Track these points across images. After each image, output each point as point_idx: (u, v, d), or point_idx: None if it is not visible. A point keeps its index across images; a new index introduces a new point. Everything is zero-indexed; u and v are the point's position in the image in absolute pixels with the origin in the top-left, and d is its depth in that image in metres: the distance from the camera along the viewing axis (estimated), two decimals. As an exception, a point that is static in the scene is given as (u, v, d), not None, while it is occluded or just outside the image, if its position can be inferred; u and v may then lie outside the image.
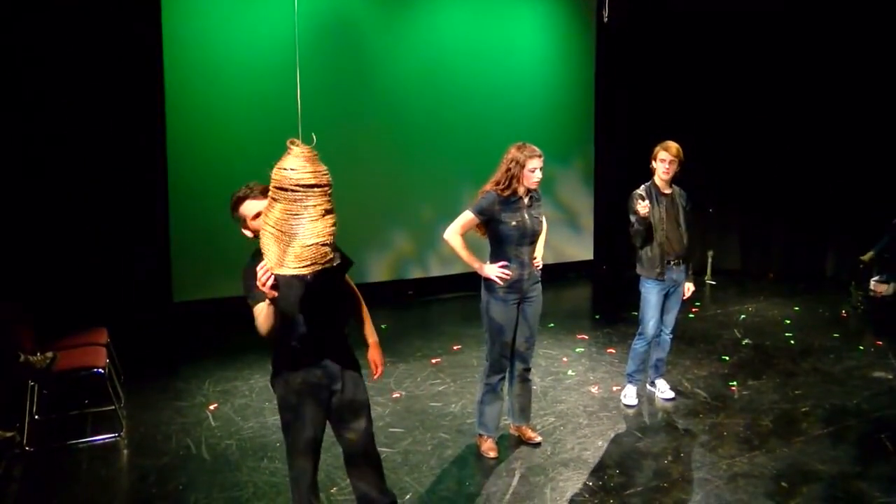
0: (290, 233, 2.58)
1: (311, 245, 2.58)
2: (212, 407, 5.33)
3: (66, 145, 6.88)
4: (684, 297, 5.32)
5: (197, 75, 7.48)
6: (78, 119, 6.90)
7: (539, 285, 4.52)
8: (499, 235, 4.33)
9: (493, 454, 4.50)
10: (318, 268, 2.61)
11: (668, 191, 5.14)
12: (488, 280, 4.34)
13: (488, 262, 4.37)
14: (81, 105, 6.91)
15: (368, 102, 8.41)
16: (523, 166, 4.28)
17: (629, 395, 5.41)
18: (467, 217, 4.32)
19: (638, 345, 5.33)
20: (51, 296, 6.56)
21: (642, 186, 5.12)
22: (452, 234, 4.34)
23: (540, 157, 4.33)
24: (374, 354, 3.33)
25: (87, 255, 7.01)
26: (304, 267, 2.59)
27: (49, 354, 4.64)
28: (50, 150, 6.81)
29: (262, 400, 5.47)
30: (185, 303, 7.53)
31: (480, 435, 4.59)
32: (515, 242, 4.32)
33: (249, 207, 2.99)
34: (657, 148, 5.09)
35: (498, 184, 4.31)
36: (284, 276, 2.71)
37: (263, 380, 5.85)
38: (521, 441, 4.69)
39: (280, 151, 2.67)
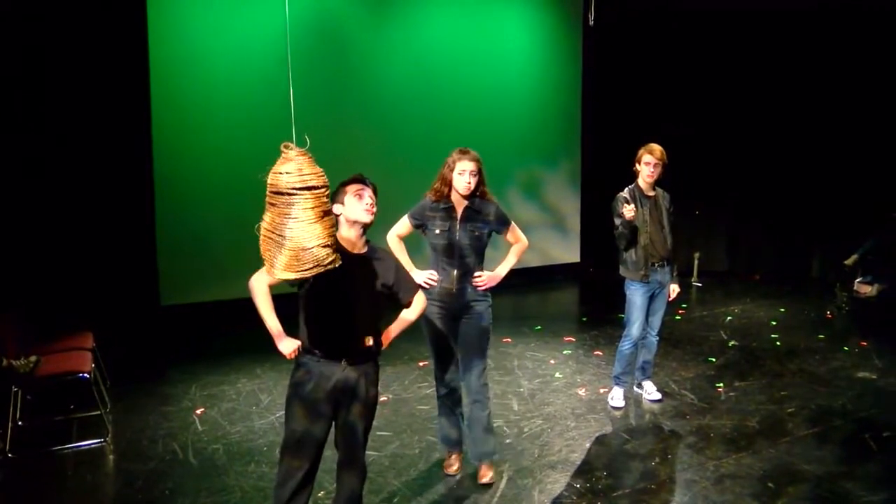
0: (288, 237, 2.58)
1: (312, 248, 2.59)
2: (199, 411, 5.30)
3: (51, 147, 6.81)
4: (670, 299, 5.34)
5: (183, 76, 7.43)
6: (63, 120, 6.84)
7: (480, 305, 4.12)
8: (429, 242, 4.15)
9: (449, 471, 4.29)
10: (321, 270, 2.63)
11: (651, 193, 5.17)
12: None
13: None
14: (67, 106, 6.84)
15: (355, 104, 8.38)
16: (452, 169, 4.01)
17: (616, 397, 5.42)
18: (403, 221, 4.21)
19: (624, 346, 5.34)
20: (35, 299, 6.49)
21: (626, 189, 5.16)
22: (390, 236, 4.20)
23: (473, 161, 4.00)
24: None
25: (73, 257, 6.94)
26: (305, 270, 2.60)
27: (32, 359, 4.60)
28: (35, 151, 6.74)
29: (249, 404, 5.45)
30: (172, 307, 7.46)
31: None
32: (443, 253, 4.07)
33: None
34: (641, 151, 5.11)
35: (433, 187, 4.12)
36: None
37: (251, 384, 5.86)
38: (509, 444, 4.68)
39: (267, 153, 2.66)
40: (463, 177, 3.99)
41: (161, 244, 7.42)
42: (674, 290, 5.31)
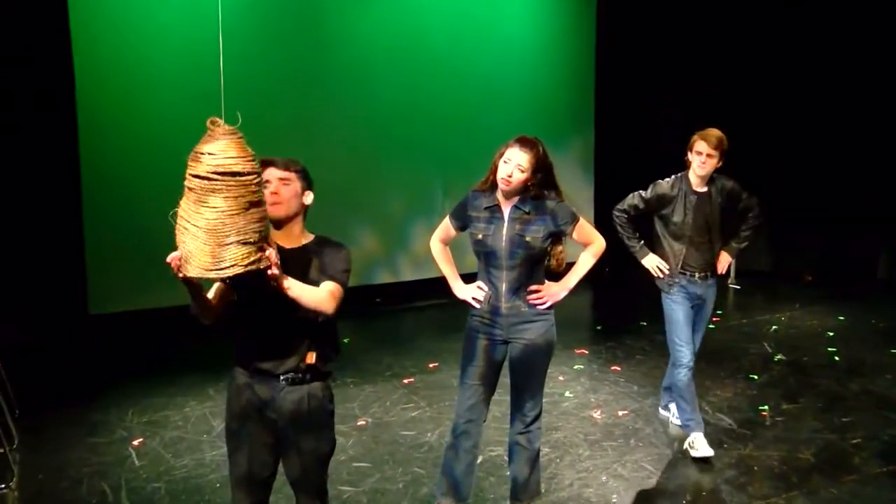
0: (205, 229, 2.56)
1: (230, 244, 2.56)
2: (136, 442, 5.22)
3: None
4: (720, 272, 5.13)
5: (111, 60, 7.39)
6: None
7: (537, 325, 3.96)
8: (473, 250, 3.99)
9: None
10: (241, 271, 2.57)
11: (702, 189, 4.93)
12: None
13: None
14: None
15: (329, 82, 8.41)
16: (501, 154, 3.82)
17: (699, 444, 4.95)
18: (444, 224, 4.10)
19: (678, 378, 4.99)
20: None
21: (672, 177, 4.96)
22: (432, 242, 4.15)
23: (527, 150, 3.75)
24: None
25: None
26: (222, 270, 2.57)
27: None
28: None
29: (198, 432, 5.38)
30: (102, 315, 7.41)
31: None
32: (485, 261, 3.92)
33: None
34: (694, 137, 4.89)
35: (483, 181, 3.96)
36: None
37: (201, 407, 5.81)
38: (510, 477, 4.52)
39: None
40: (507, 165, 3.75)
41: (90, 242, 7.40)
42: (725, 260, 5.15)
